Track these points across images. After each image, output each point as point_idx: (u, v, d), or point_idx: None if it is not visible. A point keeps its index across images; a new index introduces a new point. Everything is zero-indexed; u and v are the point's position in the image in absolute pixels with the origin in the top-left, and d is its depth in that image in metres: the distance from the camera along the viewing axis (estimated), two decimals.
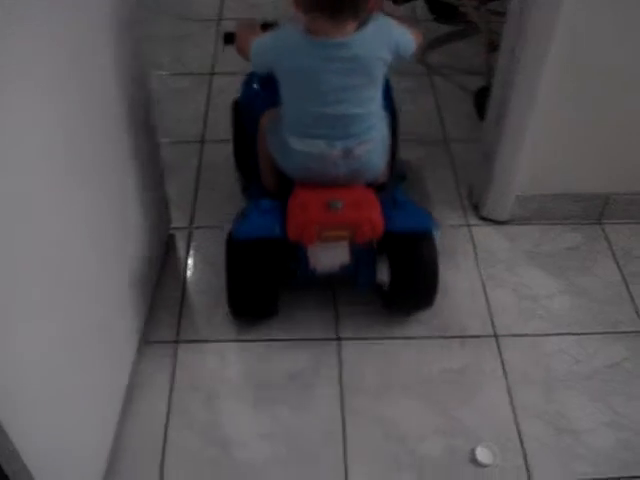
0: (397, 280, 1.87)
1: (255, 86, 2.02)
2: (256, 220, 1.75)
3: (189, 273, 2.09)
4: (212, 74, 2.80)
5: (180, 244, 2.17)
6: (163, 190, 2.08)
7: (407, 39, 1.69)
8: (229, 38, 1.87)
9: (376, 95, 1.71)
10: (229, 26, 1.94)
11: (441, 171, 2.43)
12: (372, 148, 1.73)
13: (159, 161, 2.03)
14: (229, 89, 2.43)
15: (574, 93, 1.98)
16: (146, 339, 1.89)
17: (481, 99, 2.51)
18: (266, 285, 1.85)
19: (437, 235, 1.84)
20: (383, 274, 1.88)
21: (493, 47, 2.47)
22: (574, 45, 1.87)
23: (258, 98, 1.98)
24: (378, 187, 1.82)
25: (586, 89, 1.97)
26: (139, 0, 2.84)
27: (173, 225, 2.19)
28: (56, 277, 1.32)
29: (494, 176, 2.16)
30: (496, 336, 1.94)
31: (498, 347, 1.92)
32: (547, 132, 2.04)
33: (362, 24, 1.61)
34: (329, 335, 1.93)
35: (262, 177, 1.93)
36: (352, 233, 1.71)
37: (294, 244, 1.76)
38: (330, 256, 1.80)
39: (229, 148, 2.28)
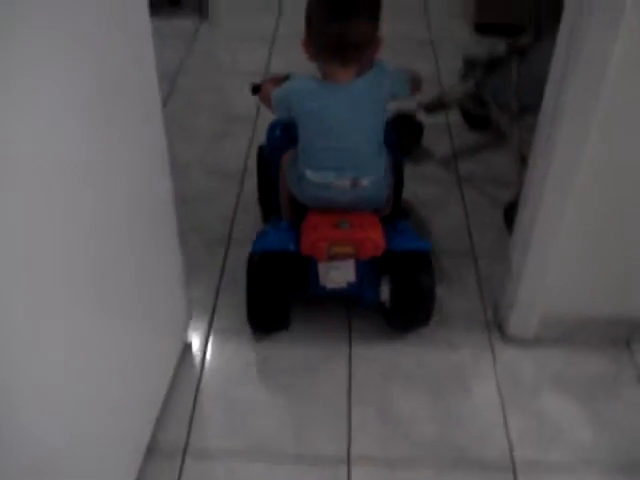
0: (396, 297, 2.09)
1: (277, 132, 2.31)
2: (273, 236, 2.05)
3: (203, 381, 2.06)
4: (244, 175, 2.84)
5: (196, 347, 2.15)
6: (182, 291, 2.07)
7: (402, 82, 2.02)
8: (256, 89, 2.16)
9: (378, 129, 1.99)
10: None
11: (466, 285, 2.39)
12: (375, 179, 2.00)
13: (180, 261, 2.03)
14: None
15: (603, 217, 1.95)
16: (153, 447, 1.85)
17: (511, 213, 2.47)
18: (280, 296, 2.07)
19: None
20: (386, 293, 2.09)
21: (525, 161, 2.45)
22: (603, 167, 1.86)
23: (279, 142, 2.26)
24: (382, 219, 2.05)
25: (615, 214, 1.95)
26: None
27: (190, 328, 2.17)
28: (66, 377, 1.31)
29: (519, 296, 2.12)
30: (513, 465, 1.86)
31: (515, 478, 1.83)
32: (575, 255, 2.01)
33: (364, 69, 1.93)
34: (339, 451, 1.88)
35: (282, 210, 2.22)
36: (357, 249, 1.96)
37: (306, 261, 2.03)
38: (338, 273, 2.05)
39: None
